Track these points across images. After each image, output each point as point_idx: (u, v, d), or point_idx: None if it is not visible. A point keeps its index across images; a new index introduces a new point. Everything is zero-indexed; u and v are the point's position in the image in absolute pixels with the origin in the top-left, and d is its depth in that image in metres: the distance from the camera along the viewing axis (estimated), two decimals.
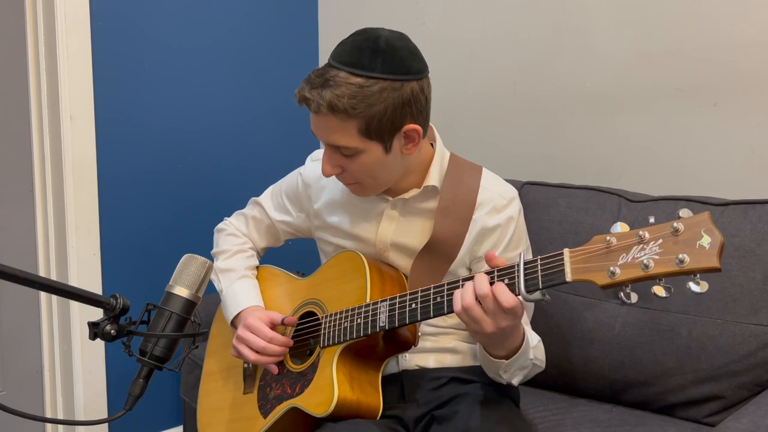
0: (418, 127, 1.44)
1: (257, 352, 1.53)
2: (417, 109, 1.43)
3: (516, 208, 1.56)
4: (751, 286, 1.63)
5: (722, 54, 1.89)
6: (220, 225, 1.82)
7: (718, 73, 1.91)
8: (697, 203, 1.76)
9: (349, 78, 1.38)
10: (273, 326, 1.56)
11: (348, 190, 1.59)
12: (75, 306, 2.22)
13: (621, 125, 2.08)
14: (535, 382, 1.65)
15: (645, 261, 1.08)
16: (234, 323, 1.64)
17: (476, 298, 1.23)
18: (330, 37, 2.68)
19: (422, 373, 1.56)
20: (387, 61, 1.39)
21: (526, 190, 1.98)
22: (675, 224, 1.08)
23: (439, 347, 1.58)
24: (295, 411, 1.47)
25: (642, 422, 1.68)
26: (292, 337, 1.58)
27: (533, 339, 1.49)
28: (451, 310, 1.29)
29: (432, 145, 1.57)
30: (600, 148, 2.12)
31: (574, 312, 1.81)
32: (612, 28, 2.07)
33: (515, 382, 1.44)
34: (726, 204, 1.73)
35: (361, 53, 1.39)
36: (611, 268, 1.10)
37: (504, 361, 1.36)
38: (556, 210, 1.91)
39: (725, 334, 1.64)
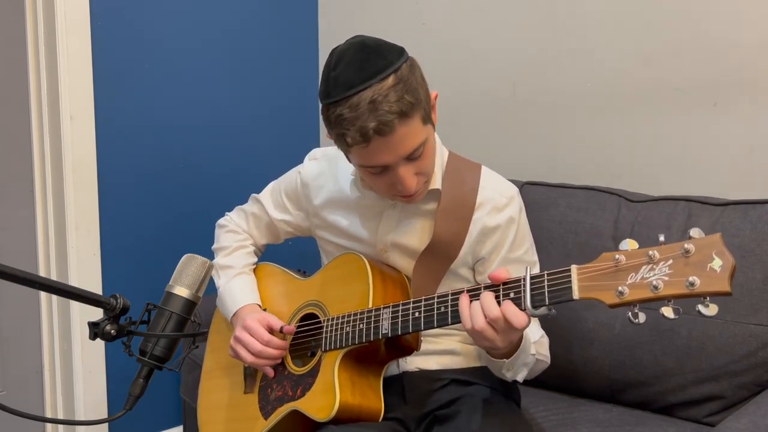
0: (435, 92, 1.44)
1: (254, 354, 1.53)
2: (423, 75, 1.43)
3: (516, 206, 1.55)
4: (751, 286, 1.63)
5: (722, 54, 1.89)
6: (221, 221, 1.82)
7: (718, 73, 1.90)
8: (697, 203, 1.76)
9: (383, 85, 1.31)
10: (271, 331, 1.55)
11: (348, 189, 1.59)
12: (75, 306, 2.22)
13: (621, 125, 2.08)
14: (536, 381, 1.65)
15: (654, 282, 1.06)
16: (232, 321, 1.64)
17: (488, 322, 1.22)
18: (330, 37, 2.68)
19: (423, 374, 1.55)
20: (388, 51, 1.37)
21: (526, 190, 1.98)
22: (686, 245, 1.06)
23: (440, 349, 1.57)
24: (297, 414, 1.47)
25: (642, 422, 1.68)
26: (294, 339, 1.58)
27: (535, 334, 1.49)
28: (455, 321, 1.28)
29: None
30: (600, 148, 2.12)
31: (574, 312, 1.81)
32: (612, 28, 2.07)
33: (520, 378, 1.44)
34: (726, 204, 1.73)
35: (368, 63, 1.34)
36: (619, 288, 1.09)
37: (505, 360, 1.36)
38: (556, 210, 1.91)
39: (725, 334, 1.64)
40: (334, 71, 1.36)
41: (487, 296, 1.23)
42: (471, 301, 1.25)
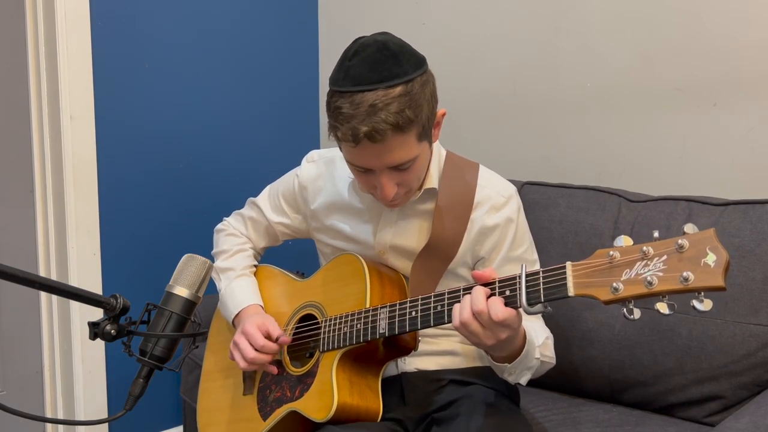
0: (443, 109, 1.44)
1: (247, 361, 1.52)
2: (436, 91, 1.42)
3: (515, 205, 1.55)
4: (751, 286, 1.63)
5: (722, 54, 1.89)
6: (220, 225, 1.82)
7: (718, 73, 1.91)
8: (697, 203, 1.76)
9: (389, 93, 1.31)
10: (268, 337, 1.55)
11: (346, 192, 1.59)
12: (75, 306, 2.22)
13: (621, 125, 2.08)
14: (535, 382, 1.65)
15: (648, 278, 1.06)
16: (234, 323, 1.64)
17: (473, 314, 1.22)
18: (330, 38, 2.68)
19: (422, 375, 1.55)
20: (409, 59, 1.36)
21: (526, 190, 1.98)
22: (680, 240, 1.06)
23: (438, 350, 1.57)
24: (295, 415, 1.48)
25: (642, 422, 1.68)
26: (292, 340, 1.58)
27: (540, 336, 1.48)
28: (451, 320, 1.28)
29: None
30: (600, 148, 2.12)
31: (574, 312, 1.81)
32: (612, 28, 2.07)
33: (523, 381, 1.44)
34: (726, 204, 1.73)
35: (383, 65, 1.33)
36: (614, 284, 1.09)
37: (507, 364, 1.36)
38: (556, 210, 1.91)
39: (725, 334, 1.64)
40: (349, 61, 1.36)
41: (478, 289, 1.23)
42: (463, 296, 1.26)
